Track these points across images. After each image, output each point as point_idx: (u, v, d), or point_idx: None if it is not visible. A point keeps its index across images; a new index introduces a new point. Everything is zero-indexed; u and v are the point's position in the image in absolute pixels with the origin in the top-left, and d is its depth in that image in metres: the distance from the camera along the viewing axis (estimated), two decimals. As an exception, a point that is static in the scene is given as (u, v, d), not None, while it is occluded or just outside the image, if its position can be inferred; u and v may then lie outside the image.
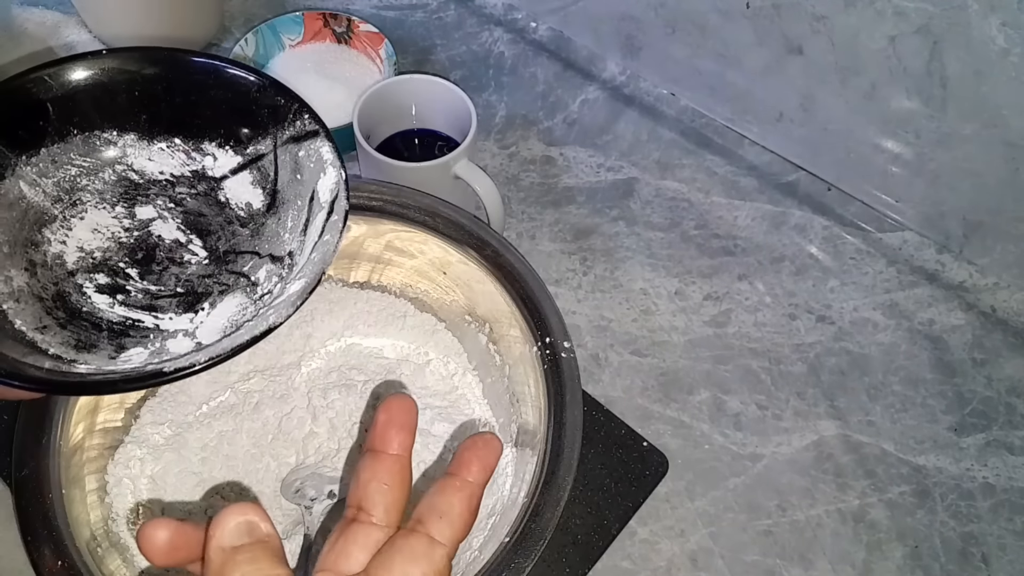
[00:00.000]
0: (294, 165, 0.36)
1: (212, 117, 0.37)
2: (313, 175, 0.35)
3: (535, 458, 0.43)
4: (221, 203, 0.37)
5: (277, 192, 0.37)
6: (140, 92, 0.36)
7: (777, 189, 0.66)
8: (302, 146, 0.36)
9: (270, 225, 0.37)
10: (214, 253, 0.37)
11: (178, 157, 0.37)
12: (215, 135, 0.37)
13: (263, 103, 0.36)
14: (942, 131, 0.56)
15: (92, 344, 0.33)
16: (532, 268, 0.48)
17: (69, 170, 0.36)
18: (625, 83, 0.72)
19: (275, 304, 0.32)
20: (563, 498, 0.41)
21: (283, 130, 0.36)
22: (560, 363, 0.45)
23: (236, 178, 0.37)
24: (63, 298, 0.34)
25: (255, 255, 0.36)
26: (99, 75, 0.36)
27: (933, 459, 0.53)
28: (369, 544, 0.28)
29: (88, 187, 0.36)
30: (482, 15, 0.76)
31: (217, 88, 0.36)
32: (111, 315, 0.34)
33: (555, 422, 0.43)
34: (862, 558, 0.50)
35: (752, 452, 0.53)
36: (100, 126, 0.36)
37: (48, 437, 0.43)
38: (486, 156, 0.67)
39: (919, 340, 0.58)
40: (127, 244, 0.36)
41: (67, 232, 0.35)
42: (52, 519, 0.41)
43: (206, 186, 0.37)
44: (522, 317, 0.47)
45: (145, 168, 0.37)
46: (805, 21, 0.57)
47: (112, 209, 0.37)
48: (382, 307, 0.54)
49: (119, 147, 0.37)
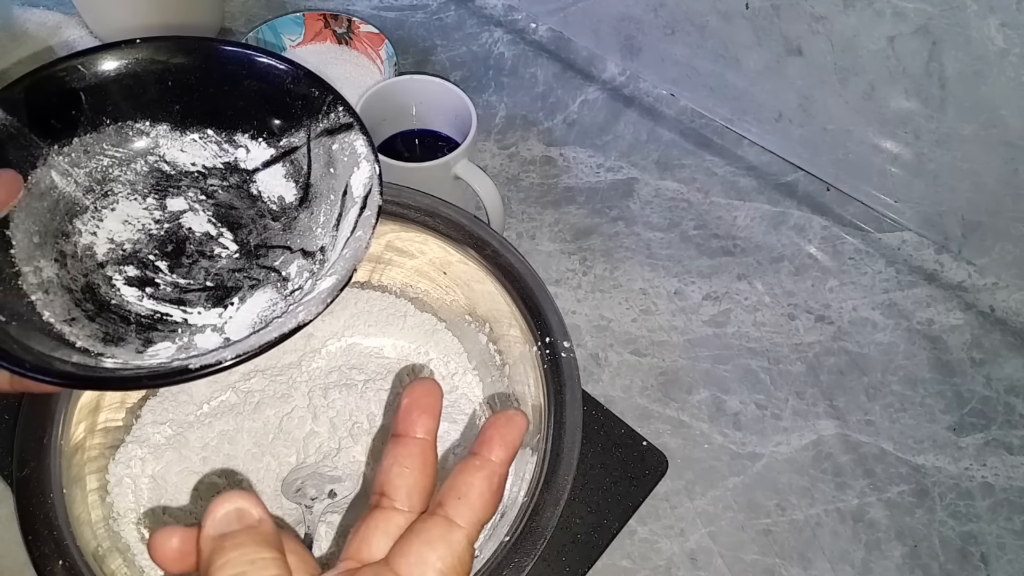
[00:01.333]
0: (328, 158, 0.36)
1: (245, 108, 0.37)
2: (347, 169, 0.35)
3: (535, 457, 0.43)
4: (253, 196, 0.37)
5: (310, 186, 0.36)
6: (173, 82, 0.36)
7: (776, 189, 0.66)
8: (336, 139, 0.35)
9: (302, 219, 0.36)
10: (245, 247, 0.36)
11: (211, 148, 0.37)
12: (248, 126, 0.37)
13: (297, 94, 0.36)
14: (941, 131, 0.56)
15: (120, 338, 0.32)
16: (532, 268, 0.48)
17: (101, 160, 0.36)
18: (625, 83, 0.72)
19: (305, 301, 0.32)
20: (563, 497, 0.41)
21: (317, 122, 0.36)
22: (560, 363, 0.45)
23: (269, 171, 0.37)
24: (92, 290, 0.34)
25: (287, 250, 0.36)
26: (132, 64, 0.35)
27: (932, 459, 0.53)
28: (391, 530, 0.28)
29: (120, 178, 0.36)
30: (482, 16, 0.76)
31: (250, 78, 0.36)
32: (139, 308, 0.34)
33: (555, 422, 0.43)
34: (861, 557, 0.50)
35: (751, 451, 0.53)
36: (133, 116, 0.36)
37: (49, 436, 0.43)
38: (486, 156, 0.67)
39: (918, 340, 0.58)
40: (157, 236, 0.36)
41: (98, 223, 0.35)
42: (53, 519, 0.41)
43: (238, 178, 0.37)
44: (522, 317, 0.47)
45: (177, 159, 0.37)
46: (804, 22, 0.58)
47: (143, 200, 0.36)
48: (382, 307, 0.54)
49: (151, 137, 0.37)
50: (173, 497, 0.47)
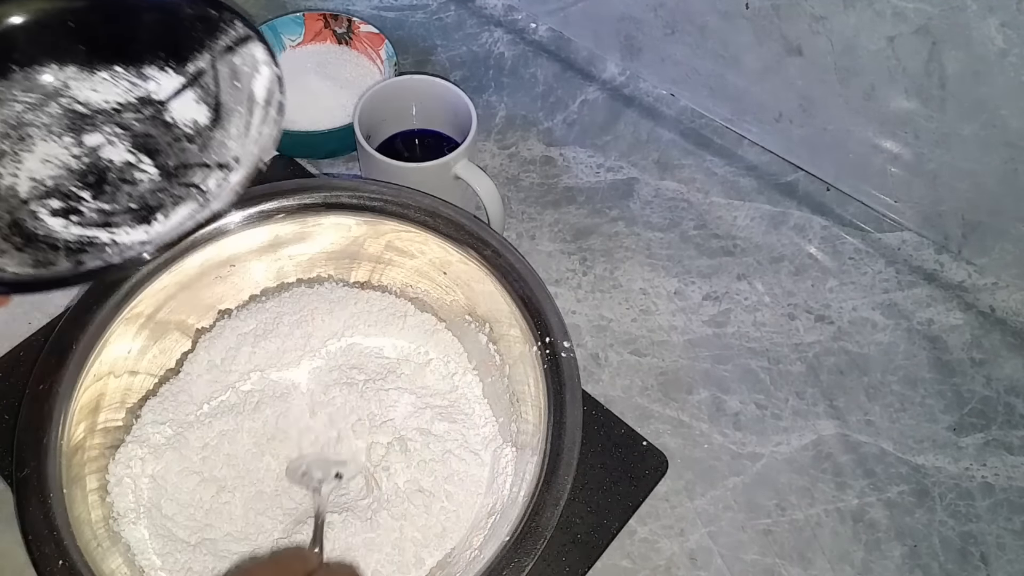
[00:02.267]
0: (232, 73, 0.37)
1: (148, 40, 0.37)
2: (249, 79, 0.37)
3: (535, 458, 0.43)
4: (168, 123, 0.38)
5: (220, 104, 0.38)
6: (74, 23, 0.36)
7: (776, 189, 0.66)
8: (237, 53, 0.37)
9: (217, 136, 0.38)
10: (164, 170, 0.38)
11: (121, 85, 0.38)
12: (154, 58, 0.38)
13: (194, 17, 0.37)
14: (941, 131, 0.56)
15: (49, 263, 0.34)
16: (532, 268, 0.48)
17: (14, 107, 0.36)
18: (625, 83, 0.72)
19: (219, 195, 0.35)
20: (563, 497, 0.41)
21: (217, 41, 0.37)
22: (560, 363, 0.45)
23: (180, 98, 0.38)
24: (18, 225, 0.35)
25: (204, 167, 0.38)
26: (33, 11, 0.36)
27: (932, 459, 0.53)
28: None
29: (35, 122, 0.37)
30: (482, 16, 0.76)
31: (149, 10, 0.37)
32: (67, 235, 0.35)
33: (555, 421, 0.43)
34: (861, 557, 0.50)
35: (751, 451, 0.53)
36: (40, 61, 0.37)
37: (49, 437, 0.43)
38: (486, 156, 0.67)
39: (918, 340, 0.58)
40: (78, 170, 0.37)
41: (17, 165, 0.36)
42: (53, 519, 0.41)
43: (152, 110, 0.38)
44: (522, 317, 0.47)
45: (90, 99, 0.38)
46: (804, 22, 0.58)
47: (60, 139, 0.37)
48: (382, 307, 0.54)
49: (61, 80, 0.37)
50: (173, 497, 0.47)
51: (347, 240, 0.53)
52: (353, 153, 0.66)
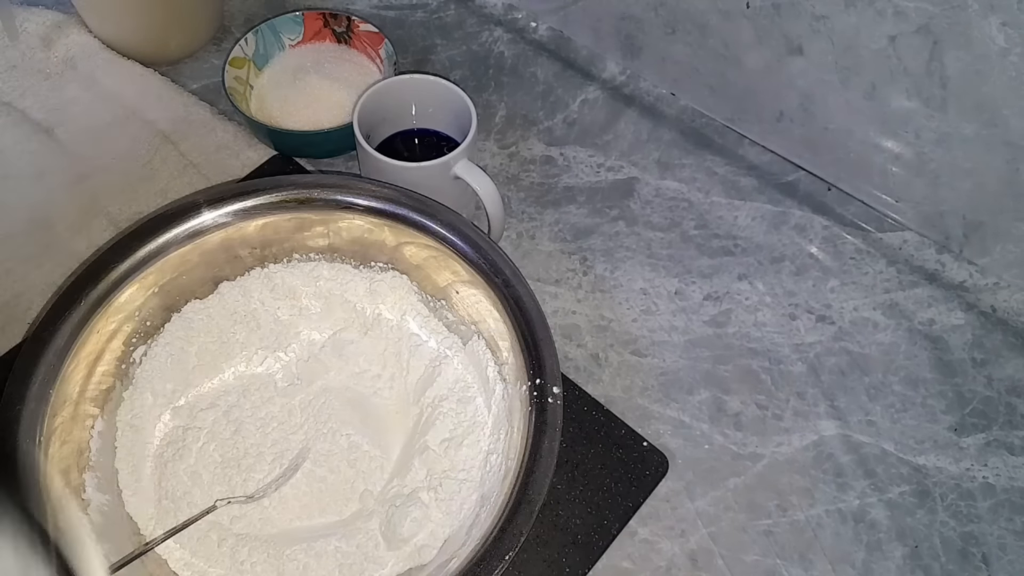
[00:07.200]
0: None
1: None
2: None
3: (499, 501, 0.43)
4: None
5: None
6: None
7: (777, 189, 0.66)
8: None
9: None
10: None
11: None
12: None
13: None
14: (942, 131, 0.56)
15: None
16: (539, 305, 0.47)
17: None
18: (625, 83, 0.72)
19: None
20: (515, 548, 0.40)
21: None
22: (546, 407, 0.44)
23: None
24: None
25: None
26: None
27: (933, 459, 0.53)
28: None
29: None
30: (482, 15, 0.76)
31: None
32: None
33: (525, 471, 0.42)
34: (862, 558, 0.50)
35: (752, 452, 0.53)
36: None
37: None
38: (486, 156, 0.67)
39: (919, 340, 0.58)
40: None
41: None
42: None
43: None
44: (520, 351, 0.46)
45: None
46: (805, 21, 0.57)
47: None
48: (383, 308, 0.54)
49: None
50: (171, 497, 0.47)
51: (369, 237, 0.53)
52: (352, 153, 0.66)
